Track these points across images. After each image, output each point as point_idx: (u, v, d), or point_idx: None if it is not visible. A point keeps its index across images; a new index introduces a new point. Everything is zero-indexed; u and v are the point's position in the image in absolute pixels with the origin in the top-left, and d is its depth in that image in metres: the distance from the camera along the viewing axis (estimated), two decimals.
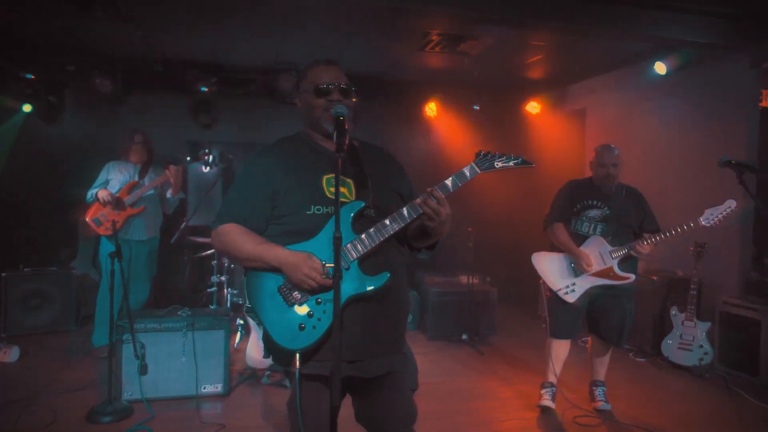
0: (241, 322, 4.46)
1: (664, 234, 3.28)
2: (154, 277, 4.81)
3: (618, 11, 4.41)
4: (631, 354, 4.85)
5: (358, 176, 1.90)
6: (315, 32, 5.10)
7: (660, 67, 5.17)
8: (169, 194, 4.64)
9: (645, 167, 5.37)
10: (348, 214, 1.83)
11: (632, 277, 3.40)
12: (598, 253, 3.40)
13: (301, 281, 1.75)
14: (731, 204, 3.18)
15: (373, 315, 1.81)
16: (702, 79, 5.03)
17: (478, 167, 1.86)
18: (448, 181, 1.84)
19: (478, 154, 1.89)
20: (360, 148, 1.99)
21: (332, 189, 1.87)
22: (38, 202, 6.06)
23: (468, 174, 1.86)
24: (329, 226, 1.82)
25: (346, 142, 1.73)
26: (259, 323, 1.80)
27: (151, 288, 4.76)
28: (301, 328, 1.76)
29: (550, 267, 3.54)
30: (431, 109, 6.83)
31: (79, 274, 5.50)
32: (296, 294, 1.78)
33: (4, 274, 4.92)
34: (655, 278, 4.89)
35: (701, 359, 4.26)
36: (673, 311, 4.45)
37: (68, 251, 6.10)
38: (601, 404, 3.59)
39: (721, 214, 3.19)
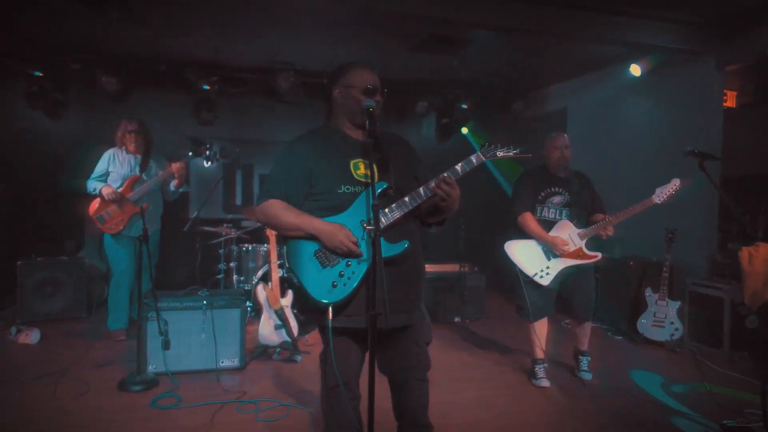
0: (250, 304, 4.75)
1: (623, 213, 3.60)
2: (155, 263, 5.04)
3: (594, 18, 4.81)
4: (609, 333, 5.28)
5: (382, 161, 2.24)
6: (311, 33, 5.37)
7: (635, 69, 5.62)
8: (172, 186, 4.80)
9: (621, 159, 5.83)
10: (375, 192, 2.17)
11: (599, 255, 3.73)
12: (568, 236, 3.70)
13: (336, 247, 2.09)
14: (676, 182, 3.49)
15: (393, 276, 2.15)
16: (673, 80, 5.46)
17: (483, 155, 2.22)
18: (458, 167, 2.20)
19: (482, 145, 2.26)
20: (382, 137, 2.33)
21: (359, 172, 2.22)
22: (44, 196, 6.28)
23: (474, 161, 2.22)
24: (357, 203, 2.18)
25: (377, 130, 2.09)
26: (298, 282, 2.14)
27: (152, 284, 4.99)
28: (334, 285, 2.11)
29: (523, 254, 3.79)
30: (422, 107, 7.19)
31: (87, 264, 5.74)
32: (330, 257, 2.13)
33: (19, 263, 5.15)
34: (631, 263, 5.31)
35: (672, 334, 4.69)
36: (647, 292, 4.88)
37: (73, 243, 6.32)
38: (583, 373, 3.96)
39: (669, 191, 3.49)
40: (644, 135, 5.76)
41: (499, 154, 2.21)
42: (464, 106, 7.38)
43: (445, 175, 2.13)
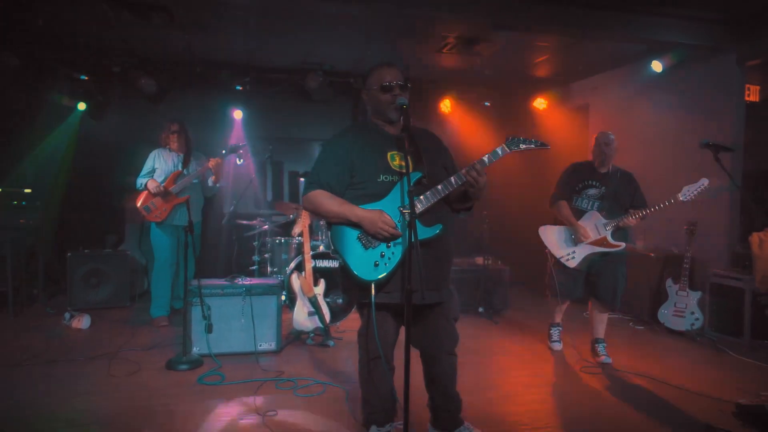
0: (285, 292, 4.99)
1: (649, 209, 3.92)
2: (197, 256, 5.35)
3: (616, 17, 4.96)
4: (630, 323, 5.41)
5: (415, 153, 2.46)
6: (340, 35, 5.60)
7: (656, 66, 5.72)
8: (210, 182, 5.14)
9: (644, 155, 5.93)
10: (411, 180, 2.39)
11: (623, 244, 4.02)
12: (594, 225, 4.06)
13: (376, 233, 2.32)
14: (704, 182, 3.68)
15: (428, 256, 2.36)
16: (694, 76, 5.56)
17: (508, 147, 2.42)
18: (485, 158, 2.40)
19: (507, 138, 2.46)
20: (414, 131, 2.54)
21: (395, 162, 2.44)
22: (87, 192, 6.63)
23: (500, 152, 2.41)
24: (394, 190, 2.40)
25: (410, 123, 2.30)
26: (344, 263, 2.36)
27: (195, 265, 5.30)
28: (376, 265, 2.33)
29: (553, 238, 4.22)
30: (446, 105, 7.39)
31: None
32: (372, 240, 2.35)
33: (69, 255, 5.50)
34: (652, 255, 5.43)
35: (693, 324, 4.80)
36: (668, 283, 5.00)
37: (114, 237, 6.67)
38: (603, 358, 4.14)
39: (696, 190, 3.69)
40: (665, 130, 5.86)
41: (522, 146, 2.40)
42: (487, 104, 7.55)
43: (476, 164, 2.33)
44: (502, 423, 3.02)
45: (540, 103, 7.42)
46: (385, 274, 2.32)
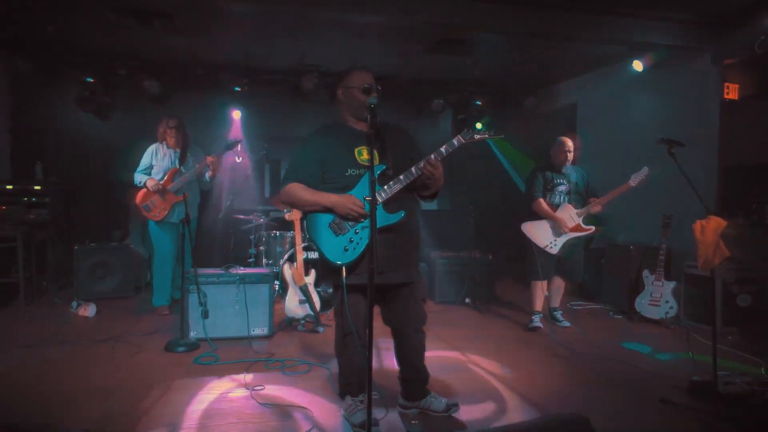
0: (278, 282, 5.27)
1: (606, 197, 4.63)
2: (193, 247, 5.59)
3: (595, 19, 5.19)
4: (610, 313, 5.64)
5: (382, 147, 2.72)
6: (334, 38, 5.88)
7: (637, 65, 5.96)
8: (207, 177, 5.31)
9: (628, 150, 6.16)
10: (375, 173, 2.65)
11: (593, 228, 4.82)
12: (569, 215, 4.82)
13: (347, 213, 2.59)
14: (645, 170, 4.53)
15: (393, 240, 2.63)
16: (673, 75, 5.79)
17: (463, 138, 2.67)
18: (443, 148, 2.66)
19: (461, 130, 2.71)
20: (382, 127, 2.80)
21: (362, 157, 2.70)
22: (94, 189, 6.95)
23: (456, 143, 2.66)
24: (361, 182, 2.66)
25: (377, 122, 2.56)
26: (317, 248, 2.64)
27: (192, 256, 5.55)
28: (345, 249, 2.60)
29: (535, 231, 4.92)
30: (437, 104, 7.63)
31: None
32: (342, 227, 2.62)
33: (75, 248, 5.81)
34: (632, 247, 5.66)
35: (667, 312, 5.03)
36: (645, 274, 5.23)
37: (119, 232, 6.97)
38: (563, 322, 5.03)
39: (640, 176, 4.54)
40: (648, 127, 6.07)
41: (477, 137, 2.65)
42: (478, 103, 7.79)
43: (431, 156, 2.59)
44: (467, 395, 3.27)
45: (530, 102, 7.65)
46: (353, 258, 2.59)
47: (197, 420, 2.88)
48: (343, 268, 2.59)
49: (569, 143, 4.95)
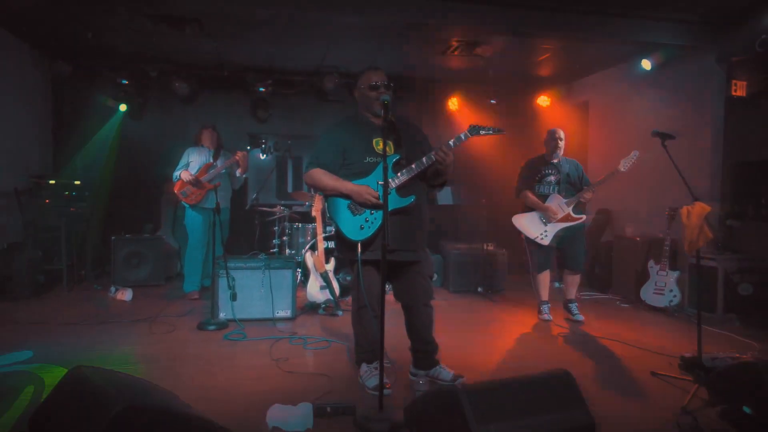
0: (300, 270, 5.61)
1: (598, 183, 4.68)
2: (226, 240, 6.00)
3: (608, 20, 5.41)
4: (617, 302, 5.86)
5: (396, 139, 3.03)
6: (354, 41, 6.21)
7: (646, 64, 6.16)
8: (237, 173, 5.77)
9: (638, 145, 6.33)
10: (390, 161, 2.97)
11: (583, 217, 4.83)
12: (558, 205, 4.80)
13: (364, 202, 2.90)
14: (635, 153, 4.57)
15: (404, 222, 2.94)
16: (681, 73, 5.97)
17: (470, 133, 2.97)
18: (451, 142, 2.95)
19: (469, 126, 3.00)
20: (397, 121, 3.11)
21: (379, 147, 3.02)
22: (128, 184, 7.38)
23: (463, 137, 2.96)
24: (378, 169, 2.97)
25: (390, 117, 2.87)
26: (336, 227, 2.96)
27: (224, 249, 5.95)
28: (361, 228, 2.92)
29: (526, 222, 4.93)
30: (453, 103, 7.93)
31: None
32: (359, 208, 2.94)
33: (113, 238, 6.24)
34: (638, 239, 5.87)
35: (671, 301, 5.24)
36: (651, 264, 5.45)
37: (151, 225, 7.40)
38: (576, 315, 4.94)
39: (630, 161, 4.57)
40: (657, 123, 6.24)
41: (482, 132, 2.95)
42: (493, 102, 8.04)
43: (444, 146, 2.89)
44: (473, 369, 3.56)
45: (543, 100, 7.88)
46: (368, 235, 2.91)
47: (225, 382, 3.22)
48: (359, 244, 2.91)
49: (559, 132, 4.99)
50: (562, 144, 4.94)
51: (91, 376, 2.04)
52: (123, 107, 7.15)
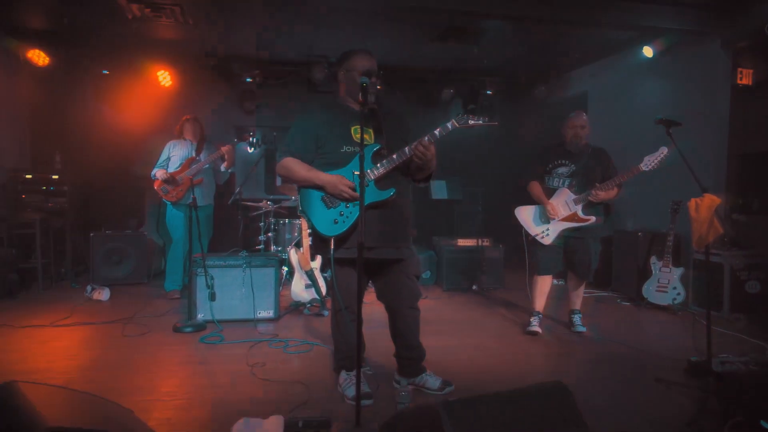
0: (286, 268, 5.37)
1: (613, 181, 4.00)
2: (210, 238, 5.76)
3: (607, 4, 5.14)
4: (618, 299, 5.62)
5: (377, 127, 2.77)
6: (343, 29, 5.94)
7: (647, 51, 5.89)
8: (222, 167, 5.53)
9: (639, 137, 6.09)
10: (369, 151, 2.71)
11: (593, 218, 4.11)
12: (564, 202, 4.17)
13: (338, 193, 2.64)
14: (663, 150, 3.81)
15: (384, 217, 2.68)
16: (684, 61, 5.71)
17: (457, 122, 2.69)
18: (436, 131, 2.68)
19: (457, 114, 2.74)
20: (379, 109, 2.85)
21: (357, 135, 2.75)
22: (110, 178, 7.11)
23: (449, 126, 2.68)
24: (355, 159, 2.71)
25: (371, 101, 2.59)
26: (309, 220, 2.70)
27: (207, 246, 5.69)
28: (335, 222, 2.67)
29: (528, 217, 4.34)
30: (446, 93, 7.65)
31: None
32: (333, 200, 2.68)
33: (92, 234, 5.98)
34: (640, 234, 5.62)
35: (674, 299, 5.00)
36: (653, 260, 5.19)
37: (135, 221, 7.14)
38: (578, 327, 4.39)
39: (657, 159, 3.83)
40: (659, 113, 5.99)
41: (471, 122, 2.67)
42: (489, 92, 7.78)
43: (425, 138, 2.63)
44: (463, 375, 3.31)
45: (541, 90, 7.61)
46: (342, 230, 2.65)
47: (193, 390, 2.97)
48: (332, 240, 2.66)
49: (579, 119, 4.26)
50: (583, 133, 4.22)
51: (20, 394, 1.79)
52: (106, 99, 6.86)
